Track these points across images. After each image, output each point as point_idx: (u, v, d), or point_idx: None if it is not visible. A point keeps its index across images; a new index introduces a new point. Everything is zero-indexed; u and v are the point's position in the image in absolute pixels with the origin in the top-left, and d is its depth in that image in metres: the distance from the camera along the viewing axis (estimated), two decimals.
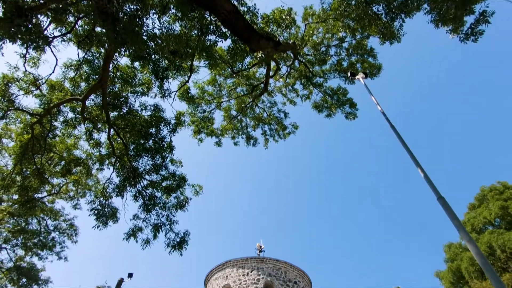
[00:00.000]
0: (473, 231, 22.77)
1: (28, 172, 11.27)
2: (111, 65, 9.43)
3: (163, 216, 11.59)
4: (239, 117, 14.50)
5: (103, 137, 13.06)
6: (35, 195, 12.44)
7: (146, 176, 11.45)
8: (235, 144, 14.67)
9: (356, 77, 10.49)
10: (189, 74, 11.33)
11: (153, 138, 11.05)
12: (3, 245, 15.09)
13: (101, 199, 11.11)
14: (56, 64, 9.31)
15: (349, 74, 11.10)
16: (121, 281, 12.29)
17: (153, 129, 10.93)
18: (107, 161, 11.95)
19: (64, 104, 10.43)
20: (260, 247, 38.77)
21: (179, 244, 11.37)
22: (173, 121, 11.17)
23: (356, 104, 14.26)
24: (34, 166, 10.72)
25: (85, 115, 10.45)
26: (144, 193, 11.45)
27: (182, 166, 11.69)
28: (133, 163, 11.24)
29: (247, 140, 14.57)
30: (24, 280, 15.58)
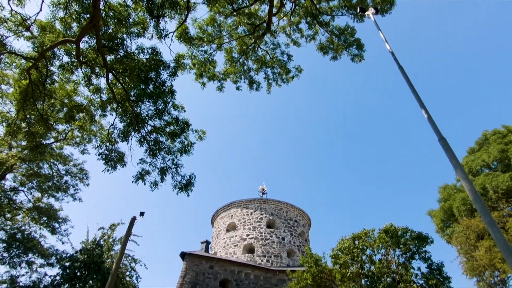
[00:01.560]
0: (470, 173, 23.47)
1: (32, 118, 11.36)
2: (101, 2, 8.76)
3: (168, 160, 11.99)
4: (241, 60, 13.92)
5: (102, 82, 12.80)
6: (43, 141, 12.74)
7: (149, 122, 11.51)
8: (237, 88, 14.36)
9: (366, 13, 9.71)
10: (186, 13, 10.58)
11: (153, 82, 10.80)
12: (20, 188, 16.02)
13: (107, 144, 11.36)
14: (43, 1, 8.64)
15: (358, 10, 10.27)
16: (133, 219, 13.25)
17: (153, 73, 10.60)
18: (109, 107, 11.91)
19: (58, 47, 9.99)
20: (263, 189, 40.83)
21: (186, 186, 11.96)
22: (172, 64, 10.77)
23: (363, 45, 13.52)
24: (37, 113, 10.75)
25: (80, 58, 10.08)
26: (149, 138, 11.66)
27: (184, 111, 11.63)
28: (135, 109, 11.20)
29: (249, 85, 14.22)
30: (44, 218, 16.90)
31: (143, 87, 10.84)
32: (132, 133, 11.36)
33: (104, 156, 11.30)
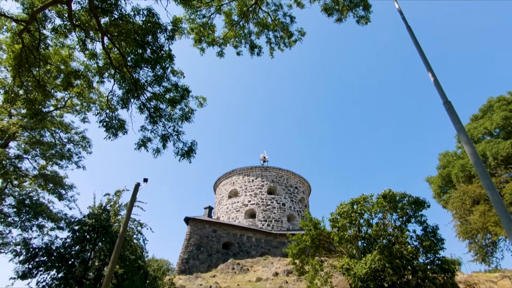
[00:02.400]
0: (471, 140, 23.47)
1: (29, 85, 11.17)
2: None
3: (169, 127, 11.98)
4: (241, 23, 13.30)
5: (98, 47, 12.37)
6: (42, 109, 12.64)
7: (149, 88, 11.32)
8: (238, 54, 13.90)
9: None
10: None
11: (150, 47, 10.42)
12: (24, 156, 16.23)
13: (107, 111, 11.28)
14: None
15: None
16: (137, 185, 13.53)
17: (150, 36, 10.20)
18: (106, 73, 11.63)
19: (49, 8, 9.51)
20: (264, 157, 41.29)
21: (188, 153, 12.07)
22: (169, 27, 10.32)
23: (370, 5, 12.84)
24: (34, 79, 10.54)
25: (74, 21, 9.65)
26: (149, 105, 11.54)
27: (184, 77, 11.37)
28: (134, 75, 10.95)
29: (250, 49, 13.73)
30: (50, 185, 17.33)
31: (140, 52, 10.50)
32: (132, 100, 11.24)
33: (104, 124, 11.29)
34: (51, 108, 15.97)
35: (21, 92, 11.63)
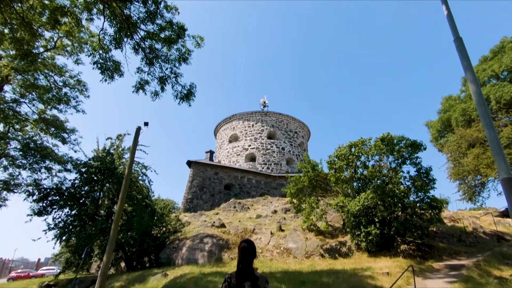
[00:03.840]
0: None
1: (14, 23, 10.46)
2: None
3: (167, 69, 11.60)
4: None
5: None
6: (32, 50, 12.06)
7: (142, 26, 10.64)
8: None
9: None
10: None
11: None
12: (21, 99, 16.02)
13: (100, 52, 10.80)
14: None
15: None
16: (138, 128, 13.64)
17: None
18: (95, 9, 10.81)
19: None
20: (264, 102, 40.87)
21: (187, 95, 11.90)
22: None
23: None
24: (18, 15, 9.82)
25: None
26: (143, 45, 10.99)
27: (178, 13, 10.59)
28: (124, 11, 10.18)
29: None
30: (52, 129, 17.47)
31: None
32: (125, 39, 10.66)
33: (99, 65, 10.91)
34: (41, 50, 15.22)
35: (6, 31, 10.96)
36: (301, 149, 37.85)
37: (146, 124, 13.70)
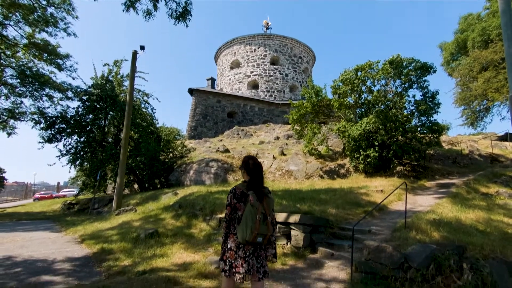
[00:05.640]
0: None
1: None
2: None
3: None
4: None
5: None
6: None
7: None
8: None
9: None
10: None
11: None
12: (5, 21, 14.88)
13: None
14: None
15: None
16: (135, 53, 13.00)
17: None
18: None
19: None
20: (267, 24, 37.85)
21: (182, 14, 10.92)
22: None
23: None
24: None
25: None
26: None
27: None
28: None
29: None
30: (45, 55, 16.71)
31: None
32: None
33: None
34: None
35: None
36: (305, 75, 36.63)
37: (142, 48, 13.00)
